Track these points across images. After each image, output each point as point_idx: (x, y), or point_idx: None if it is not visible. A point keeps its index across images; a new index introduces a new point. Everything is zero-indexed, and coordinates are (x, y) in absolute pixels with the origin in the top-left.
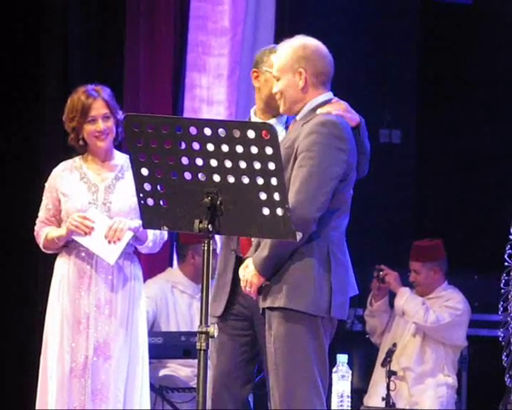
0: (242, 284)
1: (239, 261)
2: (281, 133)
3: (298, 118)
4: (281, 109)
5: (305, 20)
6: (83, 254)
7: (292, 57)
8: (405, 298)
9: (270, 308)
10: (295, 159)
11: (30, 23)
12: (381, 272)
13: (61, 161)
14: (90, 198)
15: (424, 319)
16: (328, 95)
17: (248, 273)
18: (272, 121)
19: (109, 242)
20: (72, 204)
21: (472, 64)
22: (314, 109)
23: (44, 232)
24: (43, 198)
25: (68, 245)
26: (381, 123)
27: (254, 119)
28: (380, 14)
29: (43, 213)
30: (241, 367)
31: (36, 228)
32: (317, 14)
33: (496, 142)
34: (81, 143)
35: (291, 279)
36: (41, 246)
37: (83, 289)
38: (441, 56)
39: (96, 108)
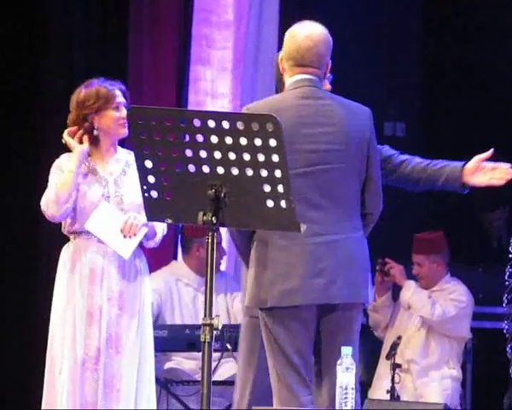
0: None
1: None
2: None
3: None
4: None
5: (309, 12)
6: (94, 248)
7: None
8: (411, 292)
9: None
10: None
11: (31, 21)
12: (386, 266)
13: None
14: (102, 191)
15: (431, 313)
16: (297, 77)
17: None
18: None
19: (125, 236)
20: (84, 197)
21: (476, 57)
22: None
23: (53, 188)
24: (51, 178)
25: (77, 238)
26: (385, 116)
27: None
28: (384, 9)
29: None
30: None
31: (43, 202)
32: (321, 7)
33: (501, 133)
34: (95, 133)
35: (244, 277)
36: (54, 205)
37: (95, 283)
38: (445, 49)
39: (119, 95)
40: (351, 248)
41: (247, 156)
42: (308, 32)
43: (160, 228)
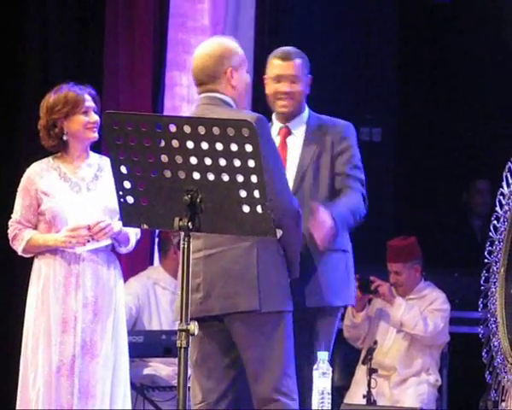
0: None
1: None
2: (302, 134)
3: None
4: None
5: (285, 19)
6: (69, 255)
7: None
8: (402, 310)
9: None
10: None
11: (7, 26)
12: (373, 285)
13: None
14: (75, 196)
15: (424, 330)
16: None
17: None
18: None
19: (90, 235)
20: (58, 204)
21: (452, 63)
22: None
23: (26, 236)
24: (19, 199)
25: None
26: (361, 121)
27: (274, 119)
28: (360, 15)
29: (20, 215)
30: None
31: (12, 230)
32: (297, 13)
33: (477, 140)
34: (65, 138)
35: None
36: (19, 249)
37: (70, 290)
38: (421, 56)
39: (88, 100)
40: (230, 259)
41: (222, 162)
42: None
43: (133, 233)
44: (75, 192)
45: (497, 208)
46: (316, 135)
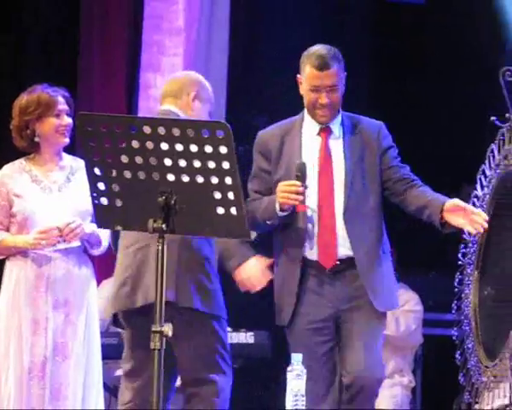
0: None
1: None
2: (340, 133)
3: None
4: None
5: (259, 20)
6: (39, 256)
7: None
8: None
9: None
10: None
11: None
12: None
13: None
14: (45, 198)
15: (395, 331)
16: None
17: None
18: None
19: (61, 236)
20: (28, 206)
21: (425, 63)
22: None
23: None
24: None
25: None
26: None
27: (307, 118)
28: (334, 15)
29: None
30: None
31: None
32: (271, 14)
33: (458, 146)
34: (36, 140)
35: None
36: None
37: (41, 291)
38: (394, 56)
39: (61, 102)
40: (154, 253)
41: (197, 163)
42: None
43: (105, 235)
44: (46, 194)
45: None
46: (354, 133)
